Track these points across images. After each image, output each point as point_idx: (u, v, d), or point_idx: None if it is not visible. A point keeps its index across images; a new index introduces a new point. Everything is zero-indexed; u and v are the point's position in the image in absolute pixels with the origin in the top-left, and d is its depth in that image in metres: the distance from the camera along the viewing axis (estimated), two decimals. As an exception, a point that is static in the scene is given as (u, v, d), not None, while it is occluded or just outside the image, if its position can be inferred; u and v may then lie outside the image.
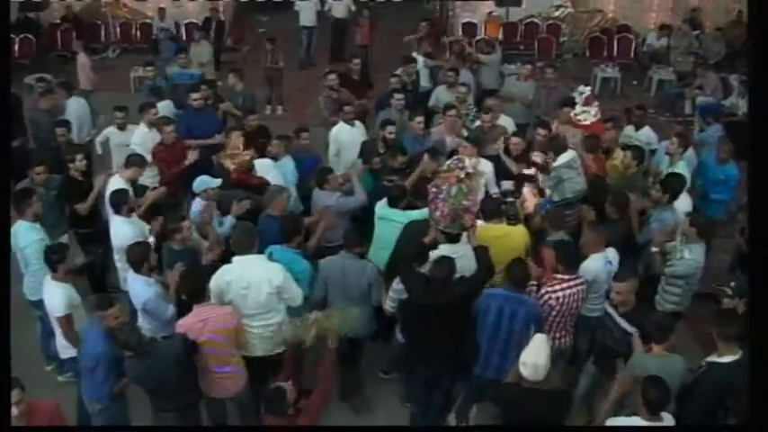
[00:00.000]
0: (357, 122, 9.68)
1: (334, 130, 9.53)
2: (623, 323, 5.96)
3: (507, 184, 8.44)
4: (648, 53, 16.72)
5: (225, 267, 6.35)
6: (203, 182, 7.73)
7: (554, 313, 6.23)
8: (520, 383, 5.24)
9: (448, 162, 6.94)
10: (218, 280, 6.23)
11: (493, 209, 7.15)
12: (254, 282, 6.18)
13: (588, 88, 10.21)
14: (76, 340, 6.25)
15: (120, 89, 12.83)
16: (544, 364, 5.17)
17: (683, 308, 7.06)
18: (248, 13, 20.15)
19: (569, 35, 18.31)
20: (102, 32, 17.84)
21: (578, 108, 9.74)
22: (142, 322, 6.49)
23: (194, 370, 5.95)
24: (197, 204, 7.69)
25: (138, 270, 6.42)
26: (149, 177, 9.03)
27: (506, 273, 6.21)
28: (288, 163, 8.66)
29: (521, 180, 8.51)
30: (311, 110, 13.86)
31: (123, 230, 7.17)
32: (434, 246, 6.61)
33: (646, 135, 9.82)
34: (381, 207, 7.33)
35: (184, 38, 17.50)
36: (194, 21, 17.54)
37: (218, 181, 7.81)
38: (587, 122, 9.71)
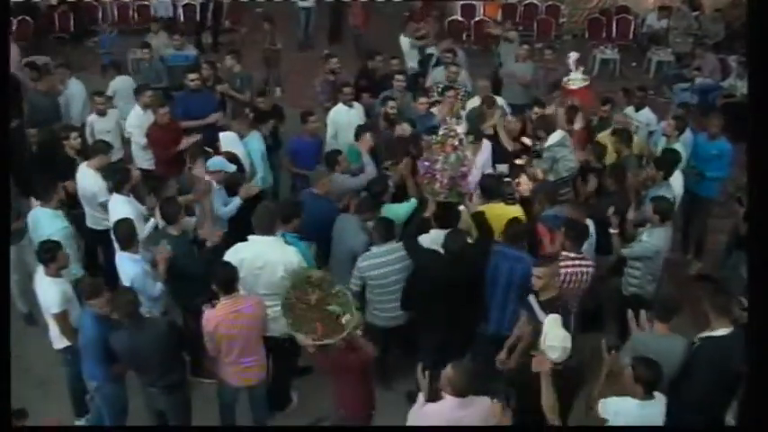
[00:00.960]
0: (356, 104, 9.69)
1: (332, 111, 9.56)
2: (537, 310, 5.84)
3: (502, 167, 8.47)
4: (647, 34, 16.69)
5: (239, 245, 6.43)
6: (219, 163, 7.81)
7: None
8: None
9: (440, 133, 6.97)
10: (232, 256, 6.28)
11: (493, 188, 7.29)
12: (270, 263, 6.23)
13: (577, 54, 10.31)
14: (72, 336, 6.25)
15: (117, 70, 12.73)
16: (570, 345, 5.20)
17: (645, 293, 6.98)
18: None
19: (568, 16, 18.24)
20: (100, 14, 17.74)
21: (571, 74, 9.83)
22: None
23: (179, 350, 6.03)
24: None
25: (125, 247, 6.49)
26: (146, 160, 9.09)
27: (504, 230, 6.47)
28: (253, 139, 8.73)
29: (515, 163, 8.55)
30: (310, 92, 13.88)
31: (122, 209, 7.17)
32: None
33: (645, 116, 9.89)
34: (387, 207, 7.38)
35: (182, 19, 17.52)
36: (191, 2, 17.46)
37: (234, 166, 7.93)
38: (575, 87, 10.10)
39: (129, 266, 6.46)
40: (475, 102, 9.76)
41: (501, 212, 6.97)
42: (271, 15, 14.85)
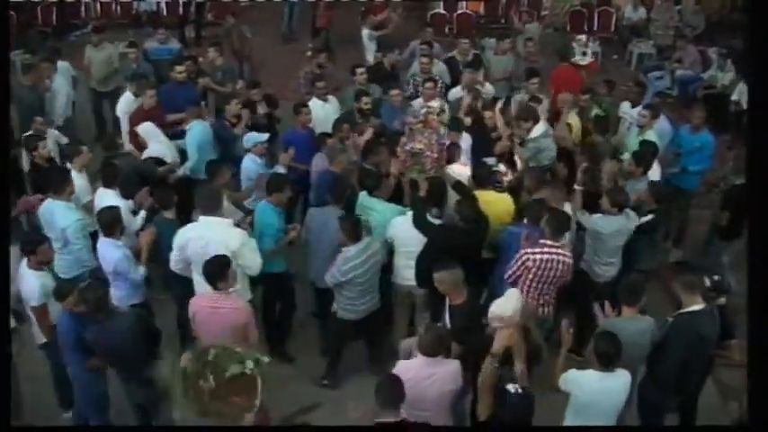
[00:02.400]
0: (330, 98, 9.81)
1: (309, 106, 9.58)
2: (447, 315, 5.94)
3: (490, 161, 8.55)
4: (629, 27, 16.82)
5: (189, 225, 6.61)
6: (253, 137, 8.31)
7: (530, 276, 6.41)
8: None
9: (421, 112, 7.50)
10: (180, 236, 6.47)
11: (485, 176, 7.54)
12: (213, 243, 6.27)
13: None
14: (49, 332, 6.31)
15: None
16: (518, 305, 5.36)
17: (592, 272, 7.22)
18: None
19: (550, 9, 18.34)
20: (83, 9, 17.69)
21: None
22: (112, 289, 6.50)
23: (150, 343, 6.04)
24: (249, 160, 8.15)
25: (109, 234, 6.57)
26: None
27: (526, 211, 6.99)
28: (194, 128, 8.82)
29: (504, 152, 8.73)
30: (294, 83, 13.94)
31: (108, 202, 7.20)
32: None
33: (639, 111, 9.83)
34: (363, 195, 7.47)
35: (165, 12, 17.48)
36: (175, -4, 17.43)
37: (266, 135, 8.36)
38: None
39: (111, 252, 6.55)
40: (457, 92, 9.90)
41: (491, 199, 7.26)
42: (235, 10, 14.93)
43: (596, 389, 5.14)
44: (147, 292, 7.04)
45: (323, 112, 9.46)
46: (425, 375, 5.16)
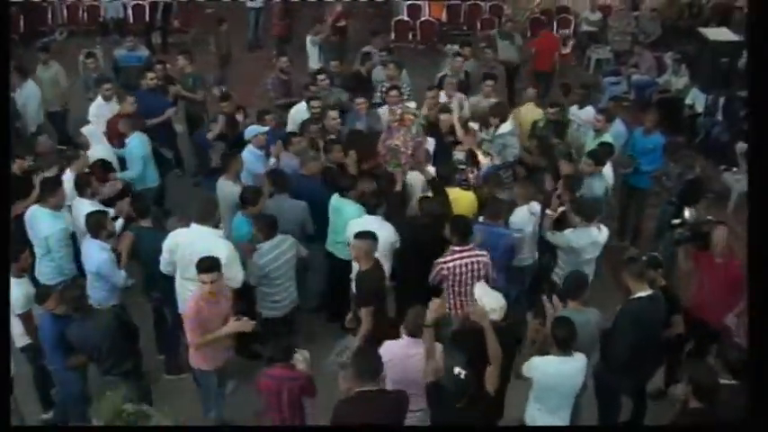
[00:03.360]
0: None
1: (293, 109, 9.90)
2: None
3: (459, 155, 8.89)
4: (587, 33, 17.26)
5: (180, 230, 6.82)
6: (253, 129, 8.79)
7: (450, 282, 6.69)
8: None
9: (398, 112, 8.31)
10: (171, 238, 6.70)
11: (450, 175, 7.91)
12: (199, 252, 6.41)
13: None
14: (34, 335, 6.47)
15: (68, 72, 12.87)
16: (504, 303, 5.85)
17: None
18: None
19: (512, 16, 18.71)
20: (50, 15, 17.77)
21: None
22: (91, 291, 6.69)
23: (128, 340, 6.32)
24: (248, 152, 8.52)
25: (96, 236, 6.77)
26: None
27: (486, 209, 7.33)
28: (135, 138, 8.98)
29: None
30: (259, 90, 14.16)
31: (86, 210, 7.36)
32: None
33: (588, 113, 10.27)
34: (335, 198, 7.70)
35: (131, 20, 17.59)
36: (141, 2, 17.55)
37: (266, 128, 8.74)
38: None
39: (97, 253, 6.74)
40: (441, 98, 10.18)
41: (456, 197, 7.61)
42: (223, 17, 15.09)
43: (557, 372, 5.50)
44: (124, 296, 7.26)
45: (306, 116, 9.59)
46: (410, 354, 5.57)
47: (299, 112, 9.78)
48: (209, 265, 5.96)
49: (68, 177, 7.93)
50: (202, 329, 6.01)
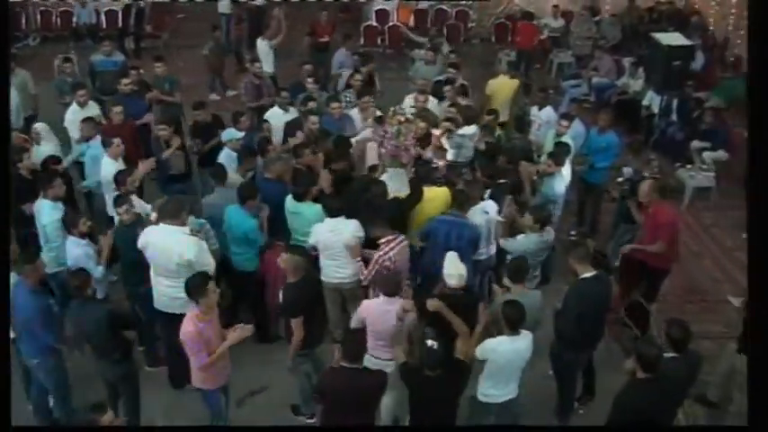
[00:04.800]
0: (291, 108, 10.35)
1: (269, 113, 10.23)
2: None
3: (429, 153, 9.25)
4: (550, 38, 17.76)
5: (150, 228, 7.10)
6: (230, 134, 9.29)
7: (391, 270, 7.04)
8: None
9: (391, 109, 8.70)
10: (143, 237, 7.00)
11: (427, 174, 8.26)
12: (165, 251, 6.82)
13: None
14: None
15: (42, 77, 13.10)
16: (464, 273, 6.47)
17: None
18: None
19: (477, 21, 19.31)
20: (23, 20, 17.95)
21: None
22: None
23: (120, 332, 6.54)
24: (225, 154, 9.02)
25: (69, 231, 7.17)
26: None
27: (453, 199, 7.67)
28: (95, 146, 9.18)
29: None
30: (230, 95, 14.63)
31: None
32: None
33: (546, 114, 10.84)
34: (289, 201, 7.98)
35: (104, 25, 17.84)
36: (114, 8, 17.79)
37: (242, 133, 9.17)
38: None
39: (74, 249, 7.14)
40: (409, 101, 10.52)
41: (432, 195, 7.98)
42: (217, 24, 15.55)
43: (509, 350, 5.96)
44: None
45: (281, 120, 9.98)
46: (383, 311, 6.26)
47: (275, 115, 10.11)
48: (197, 285, 6.01)
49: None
50: (208, 349, 6.03)
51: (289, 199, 7.95)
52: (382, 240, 7.15)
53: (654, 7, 18.44)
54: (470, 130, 9.42)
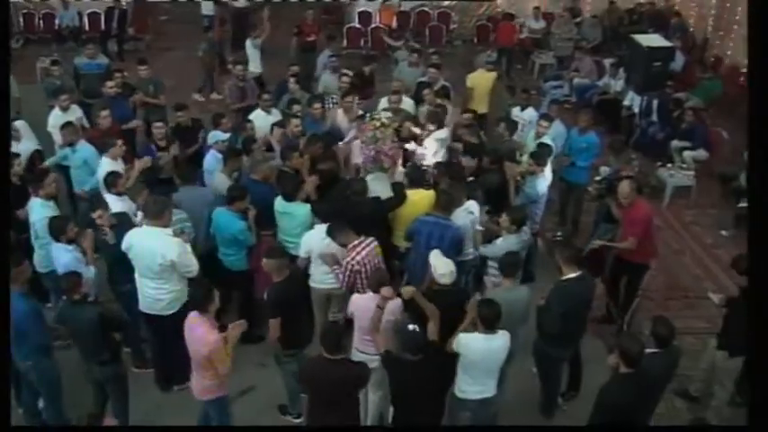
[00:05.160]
0: (273, 110, 10.38)
1: (252, 115, 10.24)
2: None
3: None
4: (531, 39, 17.92)
5: (134, 230, 7.15)
6: (216, 136, 9.34)
7: (363, 273, 7.07)
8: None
9: (369, 114, 8.85)
10: (127, 238, 7.04)
11: (417, 177, 8.33)
12: (148, 252, 6.86)
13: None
14: None
15: (25, 80, 13.07)
16: (454, 269, 6.59)
17: None
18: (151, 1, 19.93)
19: (459, 23, 19.44)
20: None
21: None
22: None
23: (110, 334, 6.56)
24: (210, 156, 9.07)
25: (57, 239, 7.08)
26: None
27: (435, 202, 7.71)
28: (83, 149, 9.27)
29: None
30: (213, 97, 14.70)
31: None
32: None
33: (529, 115, 10.99)
34: (279, 202, 8.01)
35: (87, 28, 17.80)
36: (97, 11, 17.73)
37: (228, 135, 9.22)
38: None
39: (63, 255, 7.05)
40: (383, 103, 10.65)
41: (420, 197, 8.05)
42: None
43: (482, 348, 6.02)
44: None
45: (265, 122, 9.98)
46: (370, 307, 6.32)
47: (259, 117, 10.14)
48: (203, 296, 6.04)
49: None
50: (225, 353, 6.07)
51: (278, 200, 7.97)
52: (349, 246, 7.16)
53: (634, 9, 18.73)
54: (442, 134, 9.51)
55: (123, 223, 7.49)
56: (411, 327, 5.71)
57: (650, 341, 6.04)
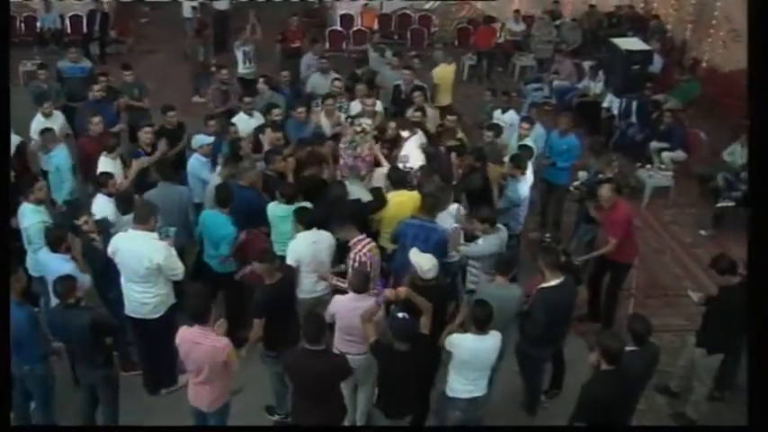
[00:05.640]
0: (255, 113, 10.42)
1: (235, 118, 10.31)
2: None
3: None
4: (512, 41, 18.10)
5: (120, 234, 7.21)
6: (200, 140, 9.38)
7: (368, 266, 7.24)
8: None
9: (348, 121, 8.97)
10: (113, 242, 7.11)
11: (399, 179, 8.44)
12: (135, 256, 6.92)
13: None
14: None
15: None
16: (437, 262, 6.73)
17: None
18: (132, 4, 20.16)
19: (440, 26, 19.57)
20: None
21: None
22: (55, 300, 6.87)
23: (103, 339, 6.58)
24: (195, 159, 9.15)
25: (55, 250, 7.01)
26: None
27: (420, 205, 7.80)
28: (57, 155, 9.28)
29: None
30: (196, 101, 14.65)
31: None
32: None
33: (510, 117, 11.12)
34: (277, 207, 8.00)
35: (69, 30, 17.75)
36: (78, 13, 17.68)
37: (212, 138, 9.31)
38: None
39: (60, 265, 6.89)
40: (356, 107, 10.69)
41: (403, 199, 8.19)
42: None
43: (472, 348, 6.13)
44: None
45: (247, 125, 10.05)
46: (352, 308, 6.42)
47: (241, 120, 10.18)
48: (202, 311, 6.08)
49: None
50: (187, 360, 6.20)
51: (275, 205, 7.99)
52: (353, 240, 7.32)
53: (613, 12, 18.90)
54: (416, 140, 9.53)
55: (105, 229, 7.56)
56: (401, 315, 5.89)
57: (629, 338, 6.18)
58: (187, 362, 6.20)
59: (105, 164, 8.75)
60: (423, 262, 6.67)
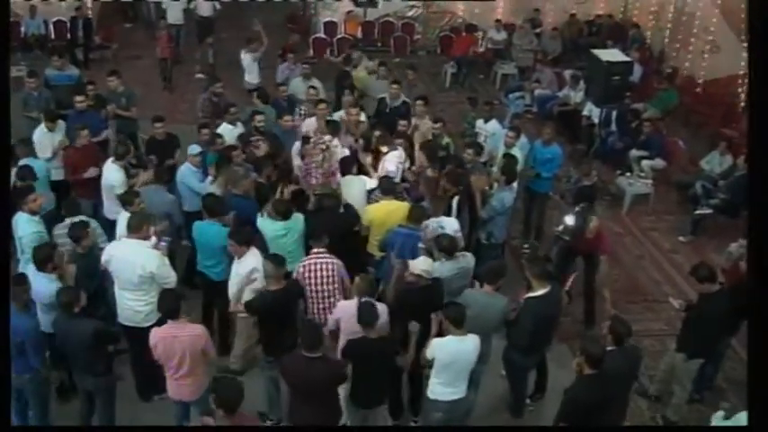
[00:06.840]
0: (239, 123, 10.43)
1: (220, 128, 10.26)
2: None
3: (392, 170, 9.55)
4: (493, 50, 18.27)
5: (114, 243, 7.36)
6: (191, 149, 9.28)
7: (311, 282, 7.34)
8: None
9: (312, 140, 8.92)
10: (107, 251, 7.23)
11: (389, 188, 8.58)
12: (129, 264, 7.00)
13: None
14: None
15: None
16: (431, 261, 7.04)
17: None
18: (116, 10, 20.09)
19: (422, 33, 19.70)
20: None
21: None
22: (42, 317, 6.89)
23: (103, 349, 6.66)
24: (185, 168, 9.15)
25: (41, 269, 6.90)
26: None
27: (408, 214, 7.91)
28: (36, 165, 9.13)
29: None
30: (182, 106, 14.65)
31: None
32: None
33: (492, 127, 11.16)
34: (275, 225, 7.96)
35: (53, 36, 17.72)
36: (62, 19, 17.58)
37: (199, 149, 9.25)
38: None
39: (46, 286, 6.83)
40: (341, 114, 10.79)
41: (393, 208, 8.30)
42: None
43: (454, 350, 6.30)
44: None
45: (231, 135, 10.05)
46: (354, 313, 6.48)
47: (226, 130, 10.16)
48: (174, 308, 6.34)
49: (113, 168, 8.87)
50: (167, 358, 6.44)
51: (272, 223, 7.96)
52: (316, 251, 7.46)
53: (593, 21, 19.15)
54: (396, 155, 9.60)
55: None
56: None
57: (609, 340, 6.40)
58: (166, 359, 6.38)
59: (111, 170, 8.85)
60: (419, 262, 6.91)
